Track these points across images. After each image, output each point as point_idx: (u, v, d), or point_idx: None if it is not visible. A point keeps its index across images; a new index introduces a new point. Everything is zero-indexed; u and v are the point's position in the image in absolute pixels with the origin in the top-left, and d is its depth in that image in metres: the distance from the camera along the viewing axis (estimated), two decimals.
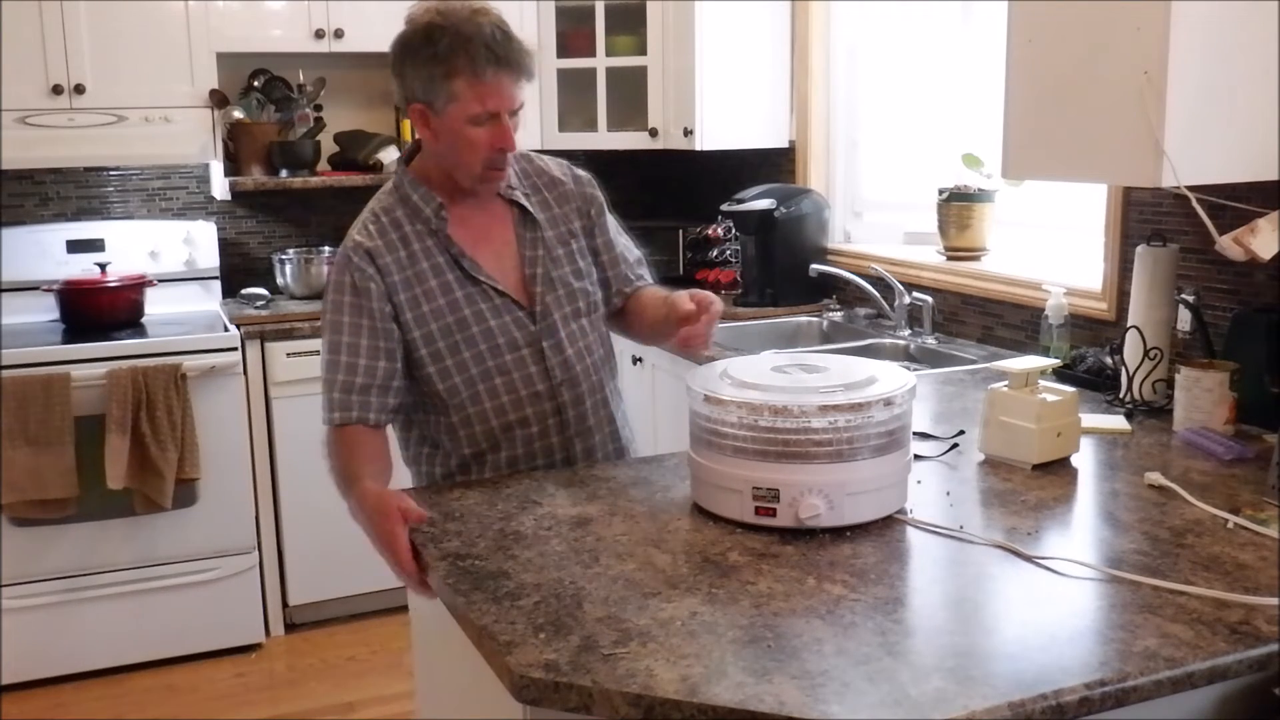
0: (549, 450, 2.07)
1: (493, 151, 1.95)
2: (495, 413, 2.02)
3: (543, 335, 2.04)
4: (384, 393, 1.96)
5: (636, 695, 1.26)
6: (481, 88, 1.90)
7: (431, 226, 2.01)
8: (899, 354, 3.21)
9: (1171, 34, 1.96)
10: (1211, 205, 2.09)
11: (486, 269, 2.03)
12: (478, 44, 1.90)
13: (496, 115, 1.92)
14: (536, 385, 2.04)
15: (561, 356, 2.05)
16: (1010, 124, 2.31)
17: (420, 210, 2.02)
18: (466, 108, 1.90)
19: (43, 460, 3.30)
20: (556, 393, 2.05)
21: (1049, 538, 1.69)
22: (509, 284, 2.04)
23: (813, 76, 3.86)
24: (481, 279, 2.01)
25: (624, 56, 4.11)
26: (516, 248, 2.06)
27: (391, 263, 1.98)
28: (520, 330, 2.03)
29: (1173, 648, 1.34)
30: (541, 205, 2.11)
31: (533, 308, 2.04)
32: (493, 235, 2.06)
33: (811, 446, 1.68)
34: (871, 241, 3.77)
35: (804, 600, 1.48)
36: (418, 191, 2.02)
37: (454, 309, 1.99)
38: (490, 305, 2.01)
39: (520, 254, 2.06)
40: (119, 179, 4.06)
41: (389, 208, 2.03)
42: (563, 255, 2.10)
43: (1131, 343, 2.37)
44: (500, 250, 2.06)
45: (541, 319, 2.04)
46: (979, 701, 1.23)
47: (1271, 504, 1.80)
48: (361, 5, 3.84)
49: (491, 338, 2.01)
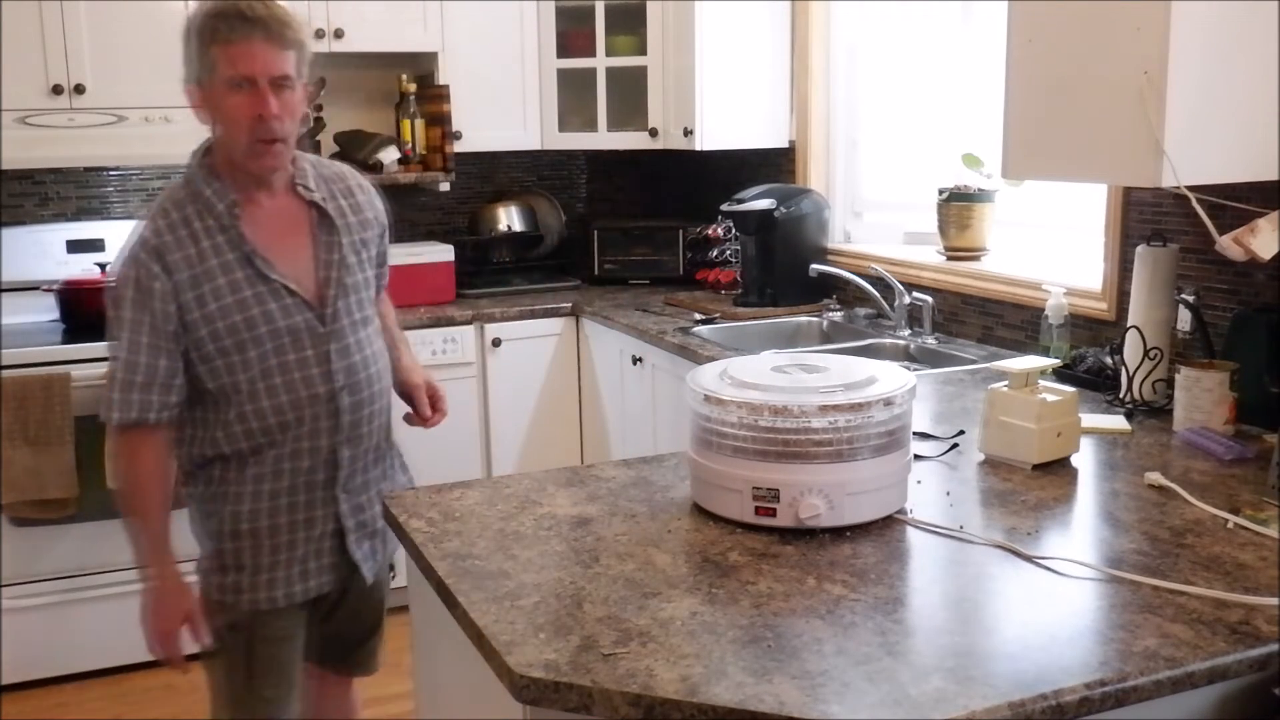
0: (316, 452, 2.06)
1: (252, 119, 1.92)
2: (273, 411, 2.02)
3: (332, 338, 2.04)
4: (165, 390, 1.98)
5: (636, 695, 1.26)
6: (232, 49, 1.90)
7: (223, 223, 1.99)
8: (899, 354, 3.21)
9: (1171, 34, 1.96)
10: (1211, 205, 2.09)
11: (280, 268, 2.01)
12: (230, 9, 1.91)
13: (253, 81, 1.91)
14: (317, 387, 2.04)
15: (347, 361, 2.06)
16: (1010, 124, 2.31)
17: (213, 206, 1.99)
18: (222, 73, 1.91)
19: (43, 460, 3.30)
20: (336, 395, 2.05)
21: (1049, 538, 1.69)
22: (302, 285, 2.03)
23: (813, 76, 3.86)
24: (273, 278, 2.00)
25: (624, 56, 4.11)
26: (313, 249, 2.06)
27: (180, 260, 1.95)
28: (309, 332, 2.03)
29: (1173, 648, 1.34)
30: (338, 212, 2.10)
31: (324, 310, 2.04)
32: (289, 235, 2.05)
33: (811, 446, 1.68)
34: (871, 241, 3.77)
35: (804, 600, 1.48)
36: (211, 186, 2.00)
37: (242, 307, 1.97)
38: (280, 305, 2.00)
39: (316, 256, 2.06)
40: (119, 179, 4.05)
41: (180, 203, 2.00)
42: (354, 264, 2.10)
43: (1131, 343, 2.37)
44: (296, 250, 2.04)
45: (332, 321, 2.04)
46: (979, 701, 1.23)
47: (1271, 504, 1.80)
48: (361, 5, 3.84)
49: (278, 337, 2.00)
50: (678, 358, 3.25)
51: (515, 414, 3.95)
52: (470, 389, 3.86)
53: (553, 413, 4.00)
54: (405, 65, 4.09)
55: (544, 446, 3.97)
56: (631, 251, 4.36)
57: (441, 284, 4.00)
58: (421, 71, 4.06)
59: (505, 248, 4.36)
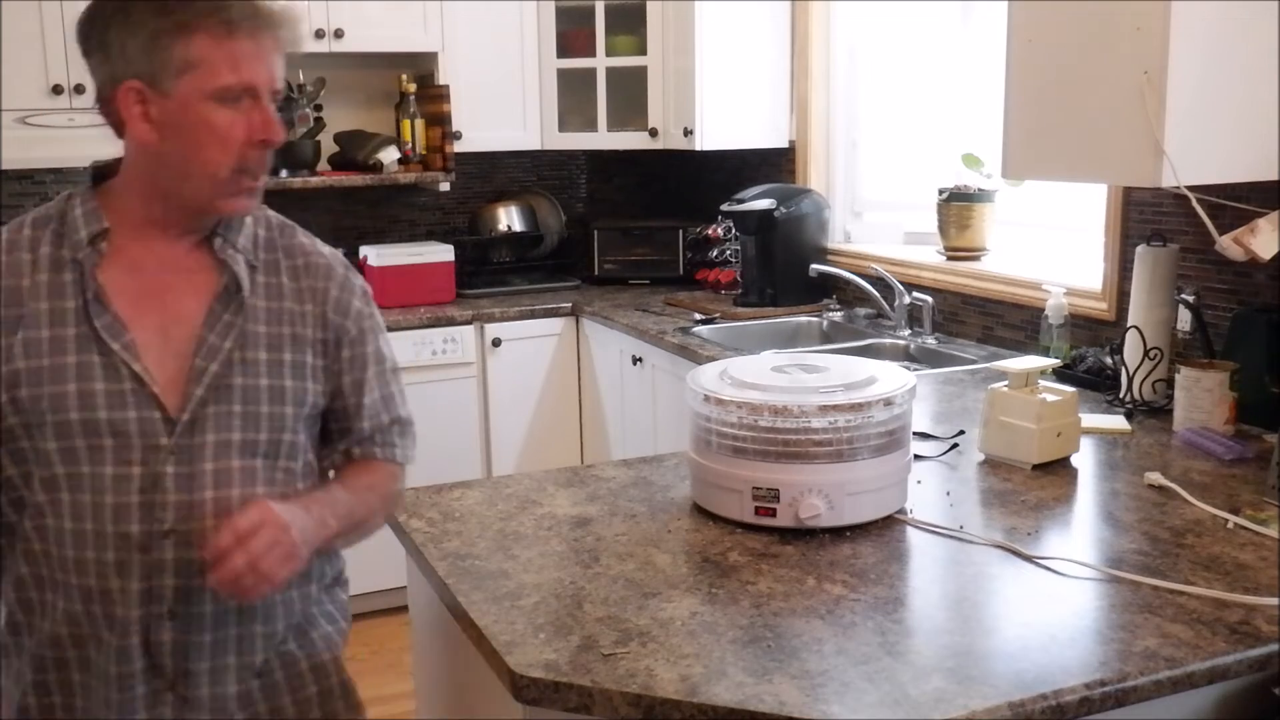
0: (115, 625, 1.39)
1: (251, 145, 1.38)
2: (57, 538, 1.38)
3: (174, 456, 1.38)
4: None
5: (636, 695, 1.26)
6: (234, 47, 1.34)
7: (78, 255, 1.39)
8: (899, 354, 3.21)
9: (1171, 34, 1.96)
10: (1211, 205, 2.09)
11: (136, 339, 1.39)
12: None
13: (255, 93, 1.37)
14: (129, 524, 1.37)
15: (187, 497, 1.38)
16: (1010, 124, 2.31)
17: (72, 232, 1.41)
18: (211, 78, 1.34)
19: None
20: (151, 545, 1.37)
21: (1049, 538, 1.69)
22: (158, 370, 1.39)
23: (813, 76, 3.86)
24: (113, 347, 1.37)
25: (624, 56, 4.11)
26: (200, 327, 1.42)
27: (4, 289, 1.39)
28: (143, 438, 1.38)
29: (1173, 648, 1.34)
30: (269, 290, 1.47)
31: (177, 414, 1.39)
32: (170, 298, 1.43)
33: (811, 446, 1.68)
34: (871, 241, 3.77)
35: (804, 600, 1.48)
36: (85, 207, 1.43)
37: (55, 376, 1.37)
38: (111, 389, 1.37)
39: (200, 336, 1.42)
40: None
41: (40, 219, 1.44)
42: (266, 363, 1.44)
43: (1131, 343, 2.37)
44: (172, 323, 1.42)
45: (186, 432, 1.39)
46: (979, 701, 1.23)
47: (1271, 504, 1.80)
48: (361, 5, 3.84)
49: (93, 433, 1.37)
50: (678, 358, 3.25)
51: (515, 414, 3.95)
52: (470, 389, 3.86)
53: (553, 413, 4.00)
54: (405, 65, 4.09)
55: (544, 447, 3.97)
56: (631, 251, 4.36)
57: (441, 284, 4.00)
58: (421, 71, 4.06)
59: (505, 248, 4.36)
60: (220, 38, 1.33)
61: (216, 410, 1.40)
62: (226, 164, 1.37)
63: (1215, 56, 2.00)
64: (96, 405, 1.36)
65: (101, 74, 1.39)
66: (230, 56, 1.34)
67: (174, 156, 1.38)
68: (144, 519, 1.37)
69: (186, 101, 1.35)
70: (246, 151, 1.38)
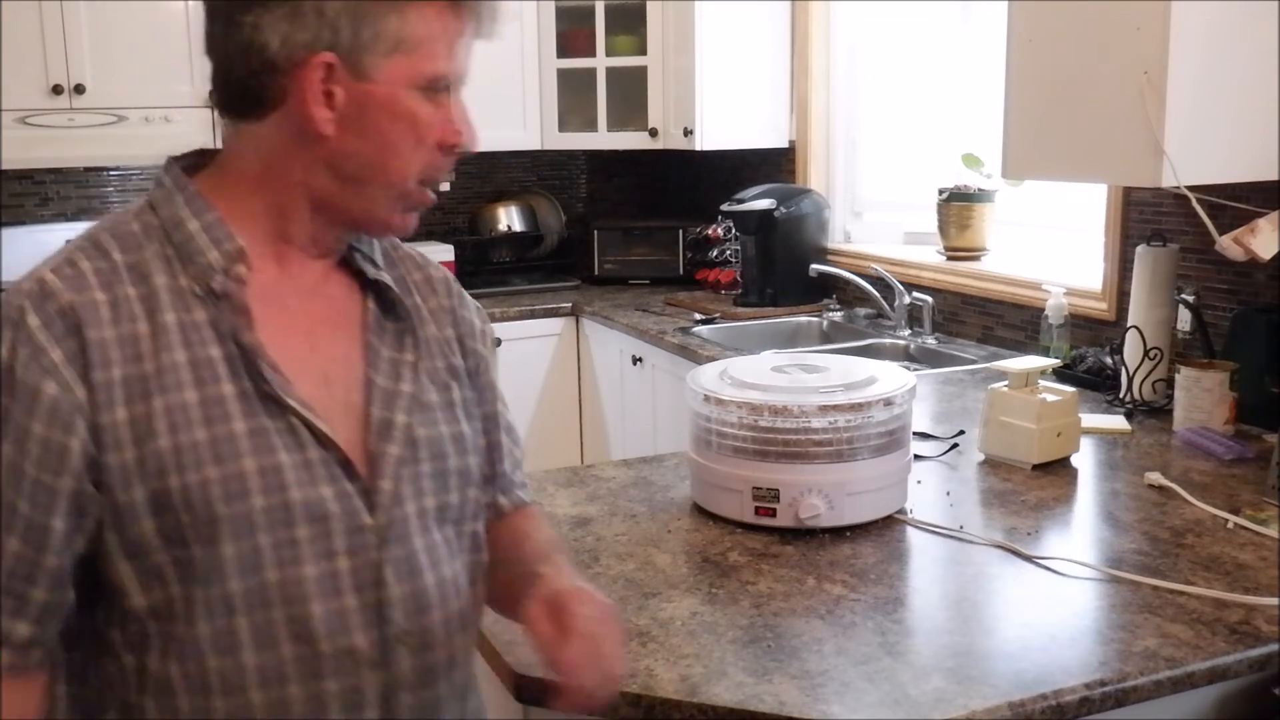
0: None
1: (443, 151, 1.10)
2: (259, 676, 1.02)
3: (385, 540, 1.07)
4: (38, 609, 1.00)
5: (636, 695, 1.26)
6: (457, 27, 1.07)
7: (212, 285, 1.04)
8: (899, 354, 3.21)
9: (1171, 34, 1.96)
10: (1211, 205, 2.09)
11: (299, 389, 1.05)
12: None
13: (449, 87, 1.09)
14: (354, 636, 1.04)
15: (412, 586, 1.08)
16: (1010, 124, 2.31)
17: (196, 252, 1.05)
18: (428, 61, 1.06)
19: None
20: (389, 657, 1.06)
21: (1049, 538, 1.69)
22: (337, 426, 1.07)
23: (813, 76, 3.86)
24: (289, 402, 1.04)
25: (624, 56, 4.11)
26: (362, 365, 1.11)
27: (112, 341, 1.00)
28: (345, 520, 1.05)
29: (1173, 648, 1.34)
30: (416, 314, 1.18)
31: (373, 481, 1.07)
32: (320, 334, 1.11)
33: (811, 446, 1.68)
34: (871, 241, 3.77)
35: (804, 600, 1.48)
36: (203, 219, 1.06)
37: (222, 453, 1.00)
38: (296, 459, 1.03)
39: (366, 377, 1.11)
40: (119, 179, 4.05)
41: (130, 237, 1.05)
42: (438, 403, 1.15)
43: (1131, 343, 2.37)
44: (330, 364, 1.10)
45: (385, 508, 1.07)
46: (979, 701, 1.23)
47: (1271, 504, 1.80)
48: None
49: (287, 523, 1.02)
50: (678, 358, 3.25)
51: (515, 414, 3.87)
52: None
53: (553, 413, 4.00)
54: None
55: (544, 446, 3.97)
56: (631, 251, 4.36)
57: None
58: None
59: (505, 248, 4.36)
60: (444, 15, 1.05)
61: (410, 473, 1.10)
62: (414, 172, 1.09)
63: (1215, 56, 2.00)
64: (286, 483, 1.02)
65: (274, 35, 1.01)
66: (449, 37, 1.07)
67: (351, 157, 1.06)
68: (368, 626, 1.05)
69: (390, 88, 1.05)
70: (437, 158, 1.10)
